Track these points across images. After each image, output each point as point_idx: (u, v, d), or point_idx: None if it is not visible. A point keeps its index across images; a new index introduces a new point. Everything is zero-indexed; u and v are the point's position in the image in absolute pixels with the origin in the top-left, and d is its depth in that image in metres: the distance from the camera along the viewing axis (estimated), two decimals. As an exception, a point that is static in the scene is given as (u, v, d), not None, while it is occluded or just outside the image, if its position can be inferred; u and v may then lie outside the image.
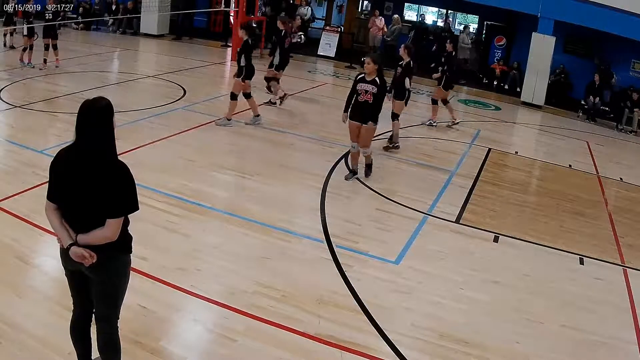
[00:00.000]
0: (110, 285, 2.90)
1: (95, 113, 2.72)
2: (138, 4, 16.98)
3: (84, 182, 2.69)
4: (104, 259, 2.75)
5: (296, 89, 12.14)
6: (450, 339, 4.09)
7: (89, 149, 2.69)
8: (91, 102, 2.75)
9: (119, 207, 2.72)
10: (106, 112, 2.74)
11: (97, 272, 2.80)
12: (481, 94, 14.35)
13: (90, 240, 2.72)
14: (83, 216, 2.74)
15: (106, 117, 2.73)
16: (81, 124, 2.72)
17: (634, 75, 13.82)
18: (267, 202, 6.08)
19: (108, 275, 2.85)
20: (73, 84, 10.34)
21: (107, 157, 2.73)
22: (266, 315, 4.10)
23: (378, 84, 6.54)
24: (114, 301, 2.96)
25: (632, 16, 12.03)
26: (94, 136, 2.69)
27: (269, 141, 8.33)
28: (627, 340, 4.38)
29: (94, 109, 2.73)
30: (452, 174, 7.80)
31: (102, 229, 2.71)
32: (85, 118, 2.72)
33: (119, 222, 2.72)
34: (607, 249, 6.05)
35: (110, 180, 2.69)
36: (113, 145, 2.75)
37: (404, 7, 18.41)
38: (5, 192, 5.54)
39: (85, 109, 2.73)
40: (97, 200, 2.68)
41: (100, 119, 2.72)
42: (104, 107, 2.75)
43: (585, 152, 10.25)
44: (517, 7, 13.68)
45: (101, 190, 2.68)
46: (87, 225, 2.73)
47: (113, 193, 2.69)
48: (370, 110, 6.60)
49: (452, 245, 5.66)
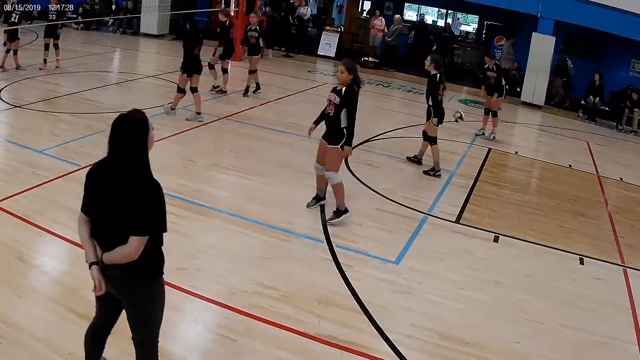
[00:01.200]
0: (139, 308, 2.79)
1: (128, 127, 2.62)
2: (138, 4, 16.99)
3: (113, 197, 2.61)
4: (129, 280, 2.67)
5: (296, 89, 12.15)
6: (450, 339, 4.09)
7: (120, 164, 2.61)
8: (125, 116, 2.64)
9: (143, 224, 2.60)
10: (139, 126, 2.63)
11: (124, 294, 2.73)
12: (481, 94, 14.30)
13: (113, 258, 2.62)
14: (110, 232, 2.64)
15: (140, 132, 2.63)
16: (114, 139, 2.63)
17: (633, 75, 13.82)
18: (267, 202, 6.08)
19: (135, 298, 2.76)
20: (73, 84, 10.35)
21: (138, 173, 2.62)
22: (266, 315, 4.09)
23: (342, 94, 5.45)
24: (144, 325, 2.85)
25: (632, 16, 12.05)
26: (126, 151, 2.61)
27: (269, 141, 8.33)
28: (627, 340, 4.37)
29: (127, 123, 2.63)
30: (452, 174, 7.80)
31: (123, 247, 2.60)
32: (118, 132, 2.63)
33: (141, 241, 2.59)
34: (607, 249, 6.05)
35: (139, 196, 2.59)
36: (145, 161, 2.65)
37: (404, 7, 18.41)
38: (5, 192, 5.54)
39: (119, 123, 2.63)
40: (124, 216, 2.58)
41: (133, 133, 2.62)
42: (137, 121, 2.64)
43: (585, 152, 10.25)
44: (517, 7, 13.69)
45: (128, 206, 2.58)
46: (113, 243, 2.63)
47: (139, 209, 2.58)
48: (330, 125, 5.59)
49: (452, 245, 5.66)
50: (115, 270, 2.65)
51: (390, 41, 15.92)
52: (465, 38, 18.33)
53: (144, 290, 2.76)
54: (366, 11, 19.38)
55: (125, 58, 14.28)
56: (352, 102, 5.45)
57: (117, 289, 2.72)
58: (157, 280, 2.80)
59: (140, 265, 2.65)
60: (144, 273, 2.72)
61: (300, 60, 16.18)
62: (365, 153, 8.19)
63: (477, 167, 8.27)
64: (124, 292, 2.73)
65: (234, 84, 12.88)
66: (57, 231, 4.93)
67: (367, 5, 19.22)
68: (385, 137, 8.68)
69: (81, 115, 8.41)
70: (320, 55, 16.63)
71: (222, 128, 8.74)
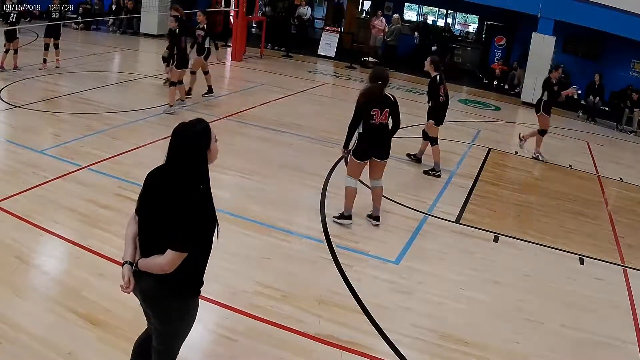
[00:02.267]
0: (164, 324, 2.68)
1: (188, 137, 2.53)
2: (138, 4, 16.99)
3: (162, 204, 2.52)
4: (160, 294, 2.57)
5: (296, 89, 12.15)
6: (450, 339, 4.09)
7: (174, 172, 2.53)
8: (187, 125, 2.56)
9: (181, 239, 2.46)
10: (200, 136, 2.54)
11: (151, 307, 2.65)
12: (481, 94, 14.35)
13: (149, 266, 2.52)
14: (153, 239, 2.56)
15: (199, 143, 2.54)
16: (172, 147, 2.54)
17: (633, 75, 13.83)
18: (267, 202, 6.08)
19: (163, 314, 2.65)
20: (73, 84, 10.35)
21: (191, 185, 2.52)
22: (266, 315, 4.09)
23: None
24: (167, 337, 2.75)
25: (632, 16, 12.05)
26: (183, 161, 2.51)
27: (268, 141, 8.33)
28: (627, 340, 4.37)
29: (188, 133, 2.54)
30: (452, 174, 7.80)
31: (159, 257, 2.49)
32: (178, 141, 2.53)
33: (177, 256, 2.46)
34: (607, 249, 6.05)
35: (184, 209, 2.47)
36: (201, 172, 2.55)
37: (404, 7, 18.41)
38: (5, 192, 5.54)
39: (180, 132, 2.54)
40: (167, 226, 2.48)
41: (193, 143, 2.53)
42: (199, 132, 2.55)
43: (585, 152, 10.25)
44: (517, 7, 13.70)
45: (173, 217, 2.47)
46: (153, 250, 2.53)
47: (181, 223, 2.46)
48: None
49: (452, 245, 5.66)
50: (149, 280, 2.54)
51: (390, 41, 15.91)
52: (465, 38, 18.34)
53: (173, 308, 2.64)
54: (366, 11, 19.38)
55: (125, 58, 14.28)
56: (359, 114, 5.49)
57: (145, 299, 2.62)
58: (189, 300, 2.69)
59: (175, 281, 2.54)
60: (177, 291, 2.59)
61: (301, 60, 16.18)
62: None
63: (477, 167, 8.27)
64: (151, 304, 2.64)
65: (234, 84, 12.90)
66: (57, 231, 4.93)
67: (367, 5, 19.22)
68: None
69: (81, 115, 8.41)
70: (321, 55, 16.64)
71: (222, 128, 8.73)
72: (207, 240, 2.61)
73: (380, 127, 5.50)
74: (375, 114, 5.44)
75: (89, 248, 4.64)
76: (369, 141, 5.48)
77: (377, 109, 5.45)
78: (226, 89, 12.52)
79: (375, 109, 5.44)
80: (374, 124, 5.45)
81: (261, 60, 15.62)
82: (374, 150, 5.57)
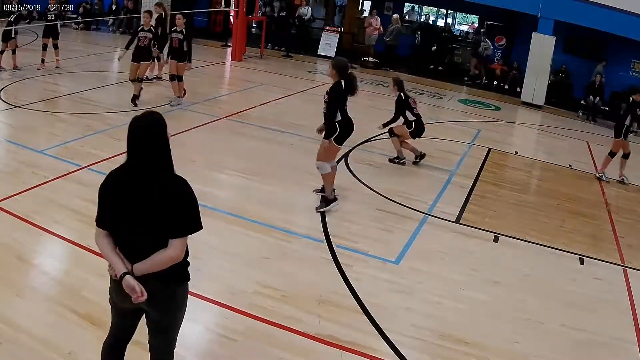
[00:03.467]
0: (168, 318, 2.70)
1: (145, 130, 2.52)
2: (138, 4, 16.99)
3: (142, 205, 2.48)
4: (162, 288, 2.58)
5: (296, 88, 12.15)
6: (450, 339, 4.09)
7: (143, 168, 2.50)
8: (140, 119, 2.55)
9: (184, 224, 2.52)
10: (157, 126, 2.55)
11: (155, 304, 2.60)
12: (481, 94, 14.35)
13: (152, 267, 2.50)
14: (141, 242, 2.52)
15: (158, 133, 2.54)
16: (132, 143, 2.52)
17: (634, 75, 13.83)
18: (267, 202, 6.08)
19: (167, 307, 2.66)
20: (73, 84, 10.36)
21: (163, 174, 2.54)
22: (266, 315, 4.09)
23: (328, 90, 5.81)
24: (172, 334, 2.78)
25: (632, 16, 12.05)
26: (148, 154, 2.50)
27: (269, 141, 8.33)
28: (627, 340, 4.37)
29: (144, 126, 2.53)
30: (452, 174, 7.80)
31: (165, 251, 2.49)
32: (136, 136, 2.51)
33: (184, 242, 2.53)
34: (607, 249, 6.05)
35: (172, 197, 2.50)
36: (168, 160, 2.57)
37: (404, 7, 18.41)
38: (5, 192, 5.54)
39: (135, 126, 2.52)
40: (159, 221, 2.48)
41: (152, 135, 2.52)
42: (154, 122, 2.55)
43: (585, 152, 10.25)
44: (517, 7, 13.70)
45: (162, 210, 2.47)
46: (145, 252, 2.51)
47: (177, 210, 2.49)
48: (324, 121, 5.90)
49: (452, 245, 5.66)
50: (152, 281, 2.52)
51: (389, 41, 15.91)
52: (465, 38, 18.32)
53: (176, 296, 2.67)
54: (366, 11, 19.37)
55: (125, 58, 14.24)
56: (334, 95, 5.71)
57: (152, 301, 2.57)
58: (185, 284, 2.72)
59: (173, 271, 2.57)
60: (176, 277, 2.64)
61: (301, 60, 16.18)
62: (365, 153, 8.19)
63: (477, 167, 8.27)
64: (159, 303, 2.61)
65: (234, 84, 12.91)
66: (57, 231, 4.93)
67: (367, 5, 19.21)
68: (385, 137, 8.65)
69: (81, 115, 8.41)
70: (321, 55, 16.64)
71: (222, 128, 8.74)
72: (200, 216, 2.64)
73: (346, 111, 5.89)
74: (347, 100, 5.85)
75: (89, 248, 4.64)
76: (348, 127, 5.88)
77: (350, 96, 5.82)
78: (226, 89, 12.54)
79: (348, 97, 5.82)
80: (347, 109, 5.84)
81: (261, 60, 15.62)
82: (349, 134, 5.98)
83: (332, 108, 5.76)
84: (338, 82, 5.73)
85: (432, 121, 10.70)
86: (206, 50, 15.95)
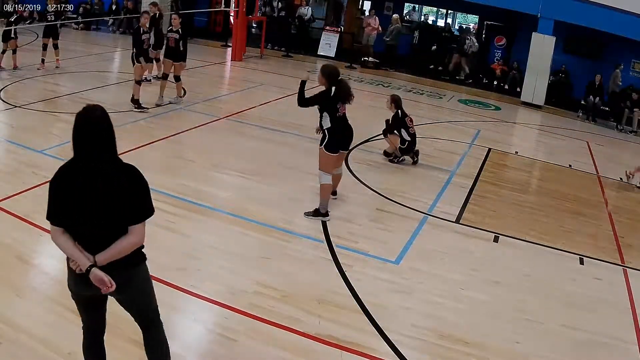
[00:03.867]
0: (141, 295, 2.84)
1: (92, 124, 2.56)
2: (138, 4, 16.99)
3: (96, 197, 2.53)
4: (124, 275, 2.65)
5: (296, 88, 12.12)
6: (450, 339, 4.09)
7: (92, 161, 2.54)
8: (85, 114, 2.58)
9: (143, 210, 2.62)
10: (103, 121, 2.59)
11: (122, 290, 2.66)
12: (481, 94, 14.35)
13: (115, 255, 2.58)
14: (99, 234, 2.57)
15: (104, 127, 2.59)
16: (79, 138, 2.55)
17: (634, 75, 13.83)
18: (267, 202, 6.08)
19: (136, 288, 2.79)
20: (73, 84, 10.35)
21: (113, 164, 2.61)
22: (266, 315, 4.09)
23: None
24: (151, 306, 2.91)
25: (632, 16, 12.04)
26: (96, 148, 2.55)
27: (269, 141, 8.33)
28: (627, 340, 4.37)
29: (90, 121, 2.57)
30: (452, 174, 7.80)
31: (127, 238, 2.58)
32: (83, 131, 2.55)
33: (144, 226, 2.62)
34: (607, 249, 6.05)
35: (126, 185, 2.58)
36: (115, 151, 2.62)
37: (404, 7, 18.40)
38: (5, 192, 5.54)
39: (81, 122, 2.56)
40: (115, 211, 2.54)
41: (99, 129, 2.57)
42: (100, 117, 2.59)
43: (585, 152, 10.25)
44: (517, 7, 13.69)
45: (118, 199, 2.54)
46: (103, 243, 2.57)
47: (132, 197, 2.58)
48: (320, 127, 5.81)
49: (452, 245, 5.66)
50: (117, 269, 2.60)
51: (389, 41, 15.90)
52: (465, 38, 18.29)
53: (140, 277, 2.78)
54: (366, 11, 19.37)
55: (125, 58, 14.23)
56: (318, 95, 5.69)
57: (121, 288, 2.65)
58: (144, 264, 2.82)
59: (134, 256, 2.68)
60: (135, 260, 2.72)
61: (301, 60, 16.18)
62: (365, 153, 8.19)
63: (477, 167, 8.27)
64: (128, 288, 2.70)
65: (234, 84, 12.91)
66: (57, 231, 4.92)
67: (367, 5, 19.21)
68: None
69: (81, 115, 8.40)
70: (321, 56, 16.63)
71: (222, 128, 8.74)
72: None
73: (344, 118, 5.75)
74: (340, 107, 5.70)
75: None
76: (340, 134, 5.71)
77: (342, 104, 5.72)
78: (226, 88, 12.54)
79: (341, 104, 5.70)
80: (339, 116, 5.68)
81: (261, 60, 15.62)
82: (345, 142, 5.83)
83: (306, 101, 5.74)
84: (328, 89, 5.66)
85: (432, 121, 10.72)
86: (206, 50, 15.98)
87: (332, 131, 5.65)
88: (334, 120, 5.65)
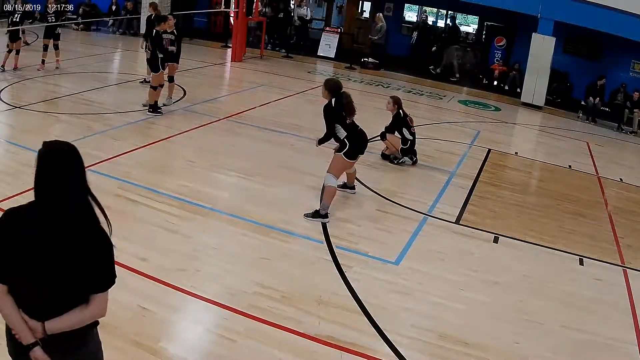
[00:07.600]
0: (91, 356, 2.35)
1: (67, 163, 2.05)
2: (138, 5, 17.00)
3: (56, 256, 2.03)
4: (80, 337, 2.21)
5: (296, 89, 12.16)
6: (450, 340, 4.09)
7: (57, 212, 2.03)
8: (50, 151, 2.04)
9: (107, 277, 2.15)
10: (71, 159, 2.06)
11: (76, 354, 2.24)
12: (481, 95, 14.35)
13: (70, 326, 2.10)
14: (52, 297, 2.08)
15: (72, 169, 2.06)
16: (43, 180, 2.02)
17: (633, 75, 13.83)
18: (267, 203, 6.08)
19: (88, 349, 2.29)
20: (73, 85, 10.35)
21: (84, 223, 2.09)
22: (266, 316, 4.09)
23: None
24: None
25: (632, 16, 12.04)
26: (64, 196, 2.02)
27: (269, 141, 8.34)
28: (627, 340, 4.37)
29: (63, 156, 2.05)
30: (452, 175, 7.80)
31: (87, 309, 2.11)
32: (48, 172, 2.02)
33: (107, 296, 2.16)
34: (607, 249, 6.05)
35: (94, 249, 2.10)
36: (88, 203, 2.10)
37: (404, 8, 18.40)
38: (5, 193, 5.54)
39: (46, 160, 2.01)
40: (76, 275, 2.07)
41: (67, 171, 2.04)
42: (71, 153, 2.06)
43: (585, 152, 10.25)
44: (517, 7, 13.69)
45: (82, 263, 2.06)
46: (54, 308, 2.08)
47: (99, 264, 2.11)
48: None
49: (452, 245, 5.66)
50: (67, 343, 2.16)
51: (376, 39, 15.87)
52: (465, 39, 18.32)
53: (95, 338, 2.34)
54: (366, 12, 19.36)
55: (125, 59, 14.30)
56: (326, 115, 5.83)
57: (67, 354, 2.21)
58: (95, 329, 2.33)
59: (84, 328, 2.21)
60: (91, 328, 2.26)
61: (300, 61, 16.18)
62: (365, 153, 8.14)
63: (477, 168, 8.27)
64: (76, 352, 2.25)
65: (233, 84, 12.92)
66: (57, 232, 4.92)
67: (367, 5, 19.21)
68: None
69: (81, 116, 8.40)
70: (320, 56, 16.63)
71: (222, 129, 8.74)
72: None
73: (354, 124, 5.89)
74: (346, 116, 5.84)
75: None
76: (359, 140, 5.88)
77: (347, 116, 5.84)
78: (226, 89, 12.55)
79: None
80: (350, 123, 5.84)
81: (261, 61, 15.63)
82: (363, 147, 6.00)
83: (330, 128, 5.84)
84: (328, 103, 5.81)
85: (432, 122, 10.73)
86: (206, 51, 15.97)
87: (350, 139, 5.79)
88: (347, 128, 5.80)
